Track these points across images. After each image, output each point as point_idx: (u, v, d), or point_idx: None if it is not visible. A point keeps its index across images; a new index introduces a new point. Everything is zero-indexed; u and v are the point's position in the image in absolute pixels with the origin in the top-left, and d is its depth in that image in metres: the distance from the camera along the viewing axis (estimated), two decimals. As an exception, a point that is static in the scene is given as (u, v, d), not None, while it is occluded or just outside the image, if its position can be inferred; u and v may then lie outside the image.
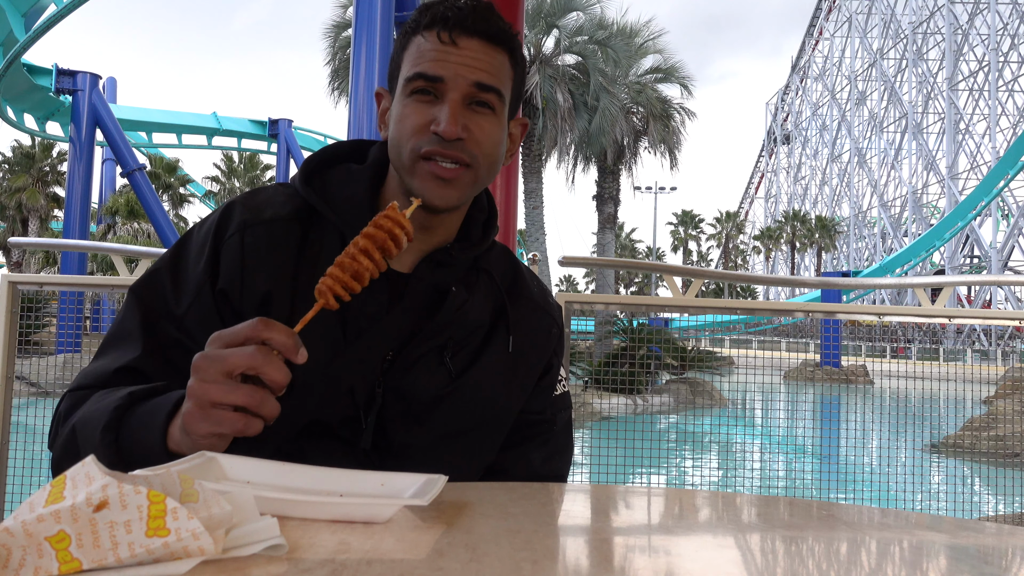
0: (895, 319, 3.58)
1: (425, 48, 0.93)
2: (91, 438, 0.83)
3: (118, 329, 0.94)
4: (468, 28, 0.93)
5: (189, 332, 0.92)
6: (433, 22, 0.94)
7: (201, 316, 0.92)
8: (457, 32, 0.93)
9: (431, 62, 0.92)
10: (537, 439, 1.09)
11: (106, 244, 4.82)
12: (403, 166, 0.95)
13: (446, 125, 0.90)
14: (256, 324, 0.74)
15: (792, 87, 78.21)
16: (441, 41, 0.93)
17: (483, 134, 0.94)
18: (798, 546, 0.72)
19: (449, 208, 0.96)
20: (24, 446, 3.22)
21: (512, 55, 0.98)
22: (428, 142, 0.92)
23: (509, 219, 4.02)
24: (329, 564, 0.56)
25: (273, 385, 0.74)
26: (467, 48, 0.93)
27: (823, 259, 57.69)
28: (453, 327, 0.98)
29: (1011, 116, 52.58)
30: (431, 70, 0.92)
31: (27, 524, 0.50)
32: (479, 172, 0.95)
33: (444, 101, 0.92)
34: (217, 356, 0.74)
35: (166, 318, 0.93)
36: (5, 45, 18.74)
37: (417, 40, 0.95)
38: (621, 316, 11.93)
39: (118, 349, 0.93)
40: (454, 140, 0.92)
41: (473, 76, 0.93)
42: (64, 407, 0.91)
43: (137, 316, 0.93)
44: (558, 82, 19.46)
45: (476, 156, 0.94)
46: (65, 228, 20.96)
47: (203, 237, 0.96)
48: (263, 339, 0.74)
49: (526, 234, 20.80)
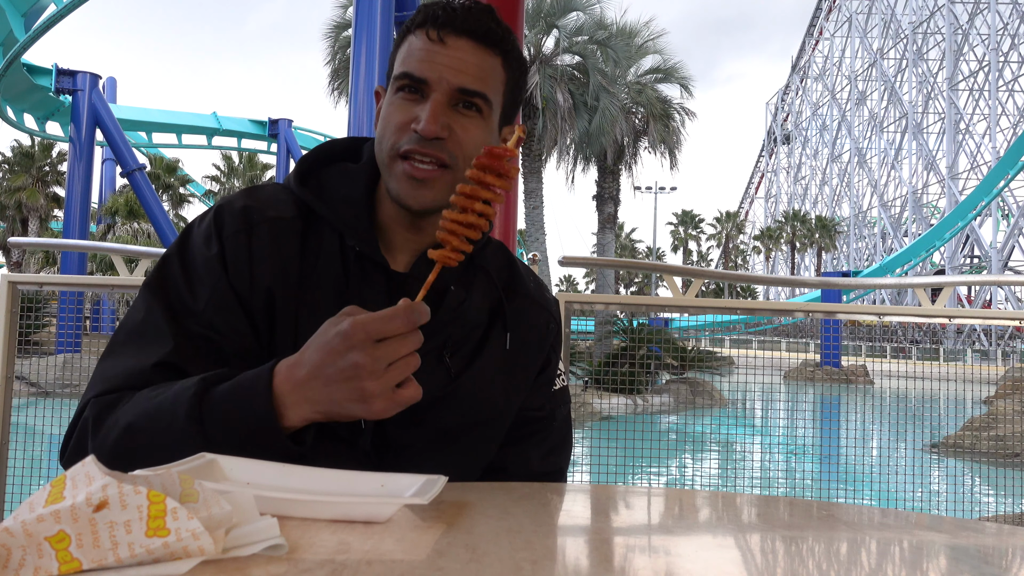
0: (895, 319, 3.58)
1: (415, 47, 0.93)
2: (167, 432, 0.80)
3: (138, 326, 0.91)
4: (458, 27, 0.93)
5: (211, 325, 0.90)
6: (425, 20, 0.94)
7: (220, 307, 0.90)
8: (446, 31, 0.92)
9: (418, 62, 0.92)
10: (536, 436, 1.09)
11: (106, 244, 4.82)
12: (382, 163, 0.95)
13: (425, 124, 0.90)
14: (410, 312, 0.77)
15: (792, 87, 78.21)
16: (430, 39, 0.92)
17: (466, 135, 0.93)
18: (798, 546, 0.72)
19: (424, 209, 0.94)
20: (24, 446, 3.22)
21: (506, 58, 0.97)
22: (407, 141, 0.92)
23: (509, 219, 4.02)
24: (329, 564, 0.56)
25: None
26: (455, 48, 0.92)
27: (823, 259, 57.70)
28: (452, 326, 0.98)
29: (1011, 116, 52.59)
30: (416, 71, 0.92)
31: (27, 524, 0.50)
32: (458, 174, 0.92)
33: (427, 100, 0.92)
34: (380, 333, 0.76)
35: (185, 313, 0.90)
36: (5, 45, 18.74)
37: (409, 39, 0.95)
38: (621, 316, 11.94)
39: (144, 346, 0.89)
40: (433, 139, 0.91)
41: (457, 80, 0.92)
42: (92, 413, 0.85)
43: (158, 310, 0.90)
44: (558, 82, 19.45)
45: (456, 157, 0.93)
46: (65, 228, 20.97)
47: (207, 231, 0.94)
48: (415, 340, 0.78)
49: (526, 234, 20.80)
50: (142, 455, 0.78)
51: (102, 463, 0.84)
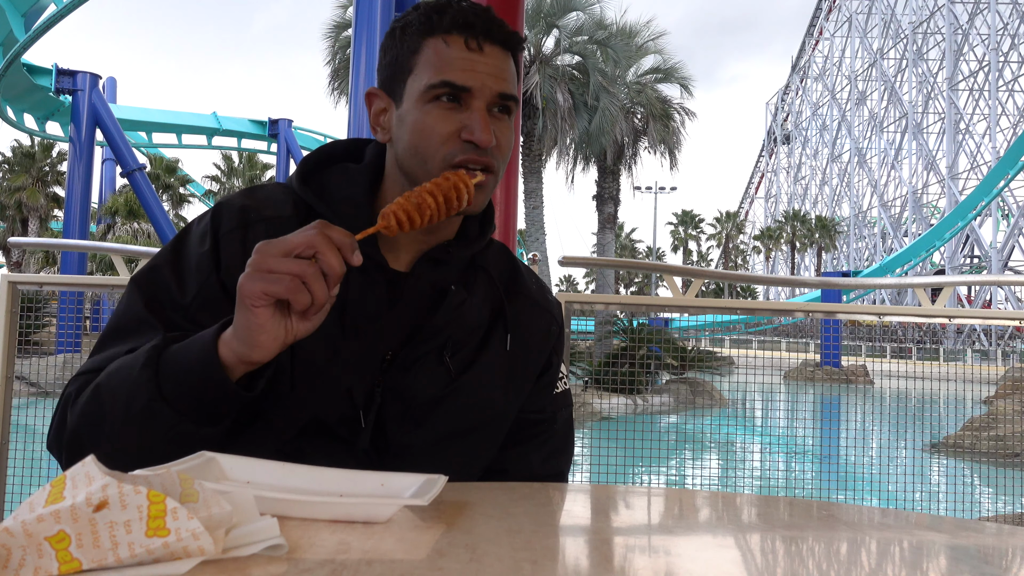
0: (895, 319, 3.58)
1: (451, 55, 0.92)
2: (124, 382, 0.82)
3: (124, 320, 0.92)
4: (493, 35, 0.94)
5: (196, 320, 0.90)
6: (455, 26, 0.93)
7: (206, 304, 0.91)
8: (483, 39, 0.93)
9: (461, 71, 0.92)
10: (537, 438, 1.09)
11: (106, 244, 4.82)
12: (430, 174, 0.93)
13: (481, 134, 0.91)
14: (317, 222, 0.78)
15: (792, 87, 78.21)
16: (469, 48, 0.93)
17: (505, 140, 0.95)
18: (798, 546, 0.72)
19: (465, 213, 0.96)
20: (24, 446, 3.22)
21: (516, 58, 0.99)
22: (462, 150, 0.92)
23: (509, 219, 4.02)
24: (329, 564, 0.56)
25: (328, 270, 0.76)
26: (491, 56, 0.94)
27: (823, 259, 57.69)
28: (452, 326, 0.98)
29: (1011, 116, 52.57)
30: (460, 80, 0.92)
31: (27, 524, 0.50)
32: (499, 177, 0.97)
33: (471, 108, 0.92)
34: (278, 239, 0.77)
35: (172, 308, 0.91)
36: (5, 45, 18.75)
37: (435, 44, 0.93)
38: (621, 316, 11.94)
39: (130, 337, 0.90)
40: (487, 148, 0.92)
41: (498, 87, 0.93)
42: (73, 388, 0.89)
43: (144, 304, 0.92)
44: (558, 82, 19.44)
45: (499, 162, 0.95)
46: (65, 228, 20.97)
47: (203, 229, 0.95)
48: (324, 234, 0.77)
49: (526, 234, 20.79)
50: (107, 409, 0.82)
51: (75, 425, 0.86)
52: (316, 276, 0.76)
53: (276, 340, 0.78)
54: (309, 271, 0.75)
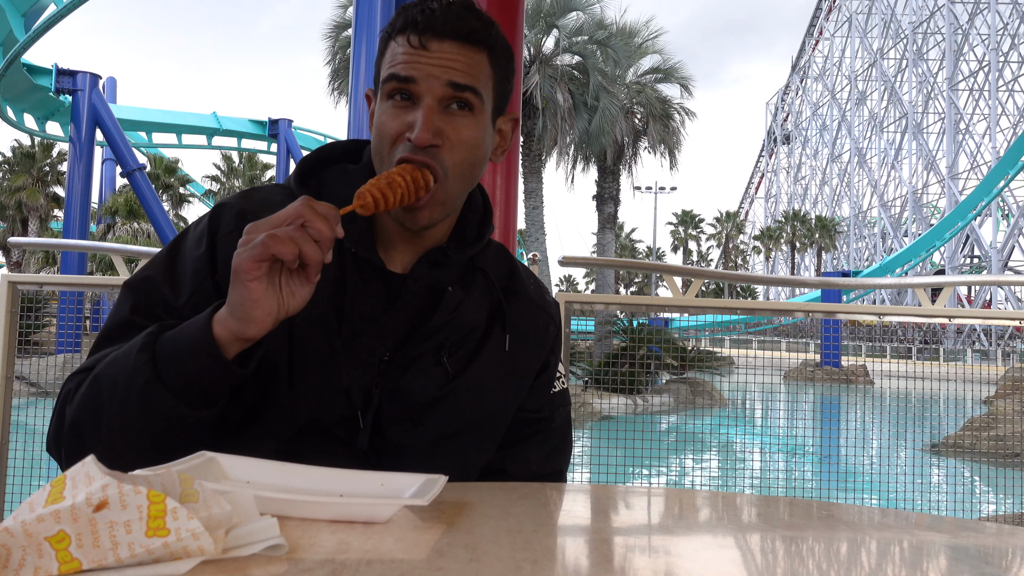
0: (895, 319, 3.58)
1: (397, 53, 0.93)
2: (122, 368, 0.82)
3: (118, 322, 0.93)
4: (438, 31, 0.92)
5: None
6: (404, 26, 0.93)
7: (200, 306, 0.90)
8: (427, 36, 0.91)
9: (403, 64, 0.92)
10: (535, 437, 1.09)
11: (106, 244, 4.83)
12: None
13: (418, 132, 0.90)
14: (302, 198, 0.79)
15: (792, 87, 78.20)
16: (411, 46, 0.92)
17: (458, 137, 0.93)
18: (798, 546, 0.72)
19: (421, 229, 0.96)
20: (24, 446, 3.22)
21: (491, 52, 0.96)
22: (402, 150, 0.92)
23: (509, 219, 4.02)
24: (329, 564, 0.56)
25: (318, 235, 0.77)
26: (439, 52, 0.92)
27: (823, 259, 57.69)
28: (450, 327, 0.98)
29: (1011, 116, 52.56)
30: (403, 71, 0.91)
31: (27, 524, 0.50)
32: (449, 184, 0.94)
33: (419, 106, 0.91)
34: (266, 218, 0.79)
35: (165, 310, 0.92)
36: (5, 45, 18.73)
37: (392, 45, 0.94)
38: (621, 316, 11.94)
39: (120, 341, 0.90)
40: (428, 147, 0.91)
41: (446, 76, 0.91)
42: (71, 386, 0.89)
43: (130, 309, 0.92)
44: (558, 82, 19.45)
45: (447, 167, 0.93)
46: (65, 228, 20.95)
47: (200, 231, 0.95)
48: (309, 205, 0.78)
49: (526, 234, 20.80)
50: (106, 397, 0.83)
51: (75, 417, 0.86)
52: (305, 239, 0.77)
53: (270, 314, 0.79)
54: (298, 233, 0.77)
